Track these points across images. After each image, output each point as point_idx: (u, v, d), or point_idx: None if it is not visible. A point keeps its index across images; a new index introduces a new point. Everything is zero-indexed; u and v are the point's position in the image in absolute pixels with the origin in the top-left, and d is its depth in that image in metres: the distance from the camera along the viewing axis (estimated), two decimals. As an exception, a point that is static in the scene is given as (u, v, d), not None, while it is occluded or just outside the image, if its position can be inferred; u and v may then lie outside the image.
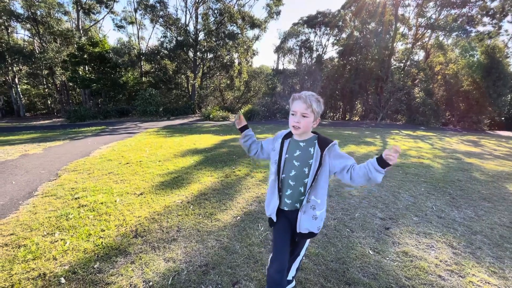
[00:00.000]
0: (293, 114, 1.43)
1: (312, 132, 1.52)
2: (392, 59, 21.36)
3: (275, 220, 1.58)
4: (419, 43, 21.97)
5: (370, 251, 2.42)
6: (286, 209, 1.54)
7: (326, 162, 1.42)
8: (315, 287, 1.95)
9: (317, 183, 1.44)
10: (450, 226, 2.96)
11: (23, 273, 2.03)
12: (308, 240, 1.69)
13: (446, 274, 2.14)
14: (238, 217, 3.03)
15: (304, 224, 1.49)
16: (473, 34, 19.30)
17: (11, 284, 1.91)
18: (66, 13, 23.33)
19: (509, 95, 20.10)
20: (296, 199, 1.51)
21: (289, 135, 1.55)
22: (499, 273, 2.18)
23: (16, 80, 21.56)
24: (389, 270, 2.16)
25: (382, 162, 1.27)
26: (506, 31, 18.93)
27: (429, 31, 20.96)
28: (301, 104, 1.38)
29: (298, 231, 1.52)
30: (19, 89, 21.81)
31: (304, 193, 1.47)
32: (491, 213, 3.36)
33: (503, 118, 21.42)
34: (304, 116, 1.39)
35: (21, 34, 25.39)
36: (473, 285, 2.03)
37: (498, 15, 18.07)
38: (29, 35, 23.42)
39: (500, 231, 2.90)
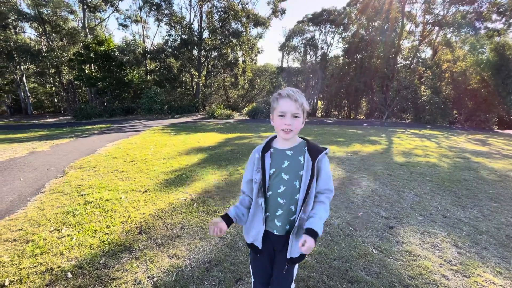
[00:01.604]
0: (281, 116, 1.20)
1: (299, 137, 1.31)
2: (398, 56, 21.08)
3: (260, 247, 1.33)
4: (426, 40, 21.61)
5: (374, 250, 2.41)
6: (276, 233, 1.30)
7: (316, 172, 1.23)
8: (317, 285, 1.96)
9: (309, 198, 1.23)
10: (455, 226, 2.93)
11: (31, 267, 2.08)
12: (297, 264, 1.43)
13: (450, 274, 2.13)
14: (242, 215, 3.05)
15: (296, 248, 1.26)
16: (482, 31, 18.89)
17: (20, 278, 1.96)
18: (72, 12, 23.58)
19: (518, 94, 19.67)
20: (287, 220, 1.27)
21: (267, 147, 1.30)
22: (504, 274, 2.15)
23: (24, 78, 21.89)
24: (392, 269, 2.15)
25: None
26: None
27: (436, 28, 20.60)
28: (290, 103, 1.18)
29: (288, 256, 1.28)
30: (27, 88, 22.15)
31: (295, 211, 1.25)
32: (497, 213, 3.32)
33: (512, 117, 21.01)
34: (296, 117, 1.19)
35: (28, 33, 25.75)
36: (478, 285, 2.02)
37: (508, 12, 17.62)
38: (36, 34, 23.75)
39: (507, 231, 2.86)
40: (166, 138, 8.46)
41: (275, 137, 1.33)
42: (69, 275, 2.01)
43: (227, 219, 1.28)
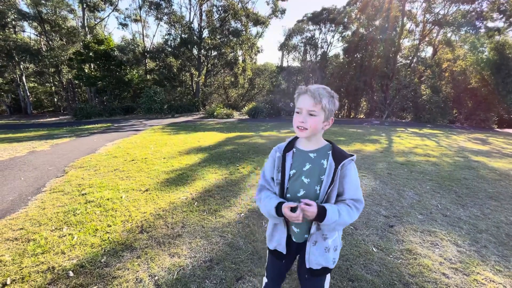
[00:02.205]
0: (298, 112, 1.14)
1: (325, 140, 1.23)
2: (398, 56, 21.06)
3: (285, 252, 1.26)
4: (426, 39, 21.60)
5: (374, 249, 2.42)
6: (294, 240, 1.25)
7: (337, 179, 1.13)
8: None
9: None
10: (455, 225, 2.94)
11: (32, 266, 2.09)
12: (328, 276, 1.31)
13: (450, 272, 2.14)
14: (242, 214, 3.06)
15: (314, 259, 1.19)
16: (482, 30, 18.88)
17: (21, 276, 1.96)
18: (71, 11, 23.54)
19: (518, 93, 19.68)
20: (306, 228, 1.20)
21: (290, 146, 1.24)
22: (504, 272, 2.16)
23: (24, 78, 21.88)
24: (392, 268, 2.16)
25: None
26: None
27: (436, 27, 20.57)
28: (308, 99, 1.10)
29: (308, 266, 1.21)
30: (26, 87, 22.14)
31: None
32: (497, 212, 3.32)
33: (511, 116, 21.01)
34: (311, 115, 1.10)
35: (27, 33, 25.68)
36: (478, 283, 2.02)
37: (509, 11, 17.60)
38: (36, 33, 23.71)
39: (507, 229, 2.87)
40: (166, 138, 8.47)
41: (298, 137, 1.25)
42: (71, 274, 2.01)
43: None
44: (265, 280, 1.45)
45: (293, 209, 1.10)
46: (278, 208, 1.14)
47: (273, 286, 1.42)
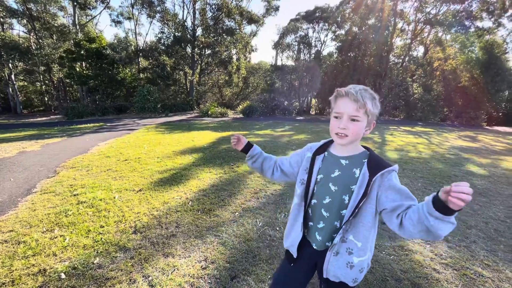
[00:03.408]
0: (336, 117, 1.04)
1: (363, 146, 1.12)
2: (390, 55, 21.31)
3: (295, 255, 1.19)
4: (418, 38, 21.91)
5: (367, 246, 2.45)
6: (314, 247, 1.16)
7: (374, 193, 1.01)
8: (311, 281, 1.98)
9: (358, 219, 1.04)
10: (446, 221, 2.99)
11: (23, 269, 2.05)
12: None
13: (441, 267, 2.18)
14: (237, 213, 3.06)
15: (333, 270, 1.09)
16: (472, 30, 19.26)
17: (11, 279, 1.93)
18: (62, 8, 23.06)
19: (506, 91, 20.17)
20: (329, 237, 1.12)
21: (322, 149, 1.17)
22: (492, 266, 2.22)
23: (13, 76, 21.36)
24: (385, 264, 2.20)
25: (441, 204, 0.79)
26: (504, 26, 18.81)
27: (428, 26, 20.88)
28: (349, 103, 1.00)
29: (325, 276, 1.13)
30: (15, 86, 21.62)
31: (340, 229, 1.07)
32: (486, 208, 3.41)
33: (500, 114, 21.51)
34: (354, 120, 1.00)
35: (16, 30, 25.07)
36: (467, 278, 2.07)
37: (497, 11, 18.01)
38: (25, 31, 23.15)
39: (495, 225, 2.95)
40: (160, 137, 8.40)
41: (333, 141, 1.15)
42: (63, 276, 1.98)
43: (248, 145, 1.33)
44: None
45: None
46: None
47: (278, 283, 1.27)
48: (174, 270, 2.07)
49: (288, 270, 1.24)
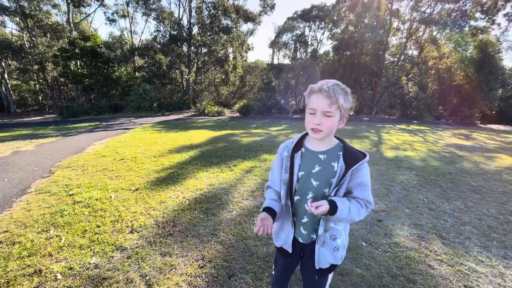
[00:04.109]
0: (311, 113, 1.07)
1: (336, 137, 1.17)
2: (386, 53, 21.42)
3: (290, 251, 1.25)
4: (413, 37, 22.05)
5: (363, 243, 2.48)
6: (301, 241, 1.23)
7: (346, 182, 1.10)
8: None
9: None
10: (441, 218, 3.04)
11: (18, 269, 2.03)
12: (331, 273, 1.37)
13: (435, 264, 2.21)
14: (234, 212, 3.06)
15: (324, 259, 1.19)
16: (466, 29, 19.45)
17: (6, 280, 1.91)
18: (55, 6, 22.74)
19: (500, 89, 20.42)
20: (313, 229, 1.19)
21: (298, 145, 1.18)
22: (486, 262, 2.26)
23: (6, 75, 21.04)
24: (381, 261, 2.22)
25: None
26: (499, 24, 19.05)
27: (423, 26, 21.03)
28: (322, 99, 1.03)
29: (317, 267, 1.21)
30: (8, 85, 21.30)
31: (321, 219, 1.15)
32: (480, 205, 3.46)
33: (494, 112, 21.78)
34: (327, 116, 1.04)
35: (9, 28, 24.67)
36: (461, 273, 2.11)
37: (491, 10, 18.22)
38: (18, 29, 22.79)
39: (488, 221, 2.99)
40: (156, 136, 8.35)
41: (307, 134, 1.17)
42: (59, 276, 1.97)
43: (273, 214, 1.14)
44: (273, 273, 1.52)
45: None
46: (267, 210, 1.15)
47: (281, 278, 1.42)
48: (172, 269, 2.07)
49: (285, 265, 1.35)
